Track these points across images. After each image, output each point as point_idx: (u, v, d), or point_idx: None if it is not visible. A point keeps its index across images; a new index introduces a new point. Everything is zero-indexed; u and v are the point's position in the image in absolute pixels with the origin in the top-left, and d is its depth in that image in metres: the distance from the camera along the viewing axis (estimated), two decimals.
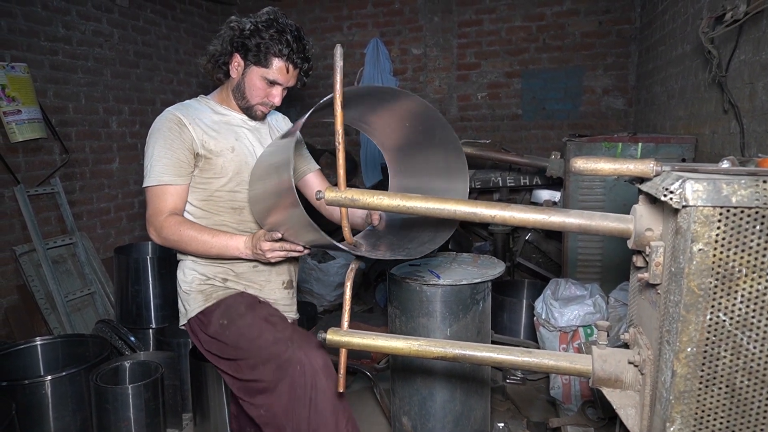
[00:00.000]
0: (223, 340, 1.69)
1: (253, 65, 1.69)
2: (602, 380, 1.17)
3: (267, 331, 1.64)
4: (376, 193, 1.21)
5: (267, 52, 1.66)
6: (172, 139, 1.66)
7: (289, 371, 1.57)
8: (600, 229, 1.10)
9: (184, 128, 1.68)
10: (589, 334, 2.46)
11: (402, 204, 1.19)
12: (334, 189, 1.22)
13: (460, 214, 1.16)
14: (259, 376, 1.63)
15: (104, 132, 3.95)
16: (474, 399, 2.17)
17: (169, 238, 1.65)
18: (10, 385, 2.30)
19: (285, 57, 1.67)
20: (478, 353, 1.24)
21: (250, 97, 1.74)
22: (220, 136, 1.72)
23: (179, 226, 1.65)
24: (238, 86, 1.75)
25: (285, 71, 1.69)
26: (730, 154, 2.24)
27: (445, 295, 2.04)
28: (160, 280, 3.12)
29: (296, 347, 1.59)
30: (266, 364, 1.61)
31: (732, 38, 2.17)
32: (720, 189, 0.90)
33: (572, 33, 4.57)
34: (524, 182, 3.84)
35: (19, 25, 3.30)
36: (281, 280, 1.87)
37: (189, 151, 1.68)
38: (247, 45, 1.66)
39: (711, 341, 0.96)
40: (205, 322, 1.73)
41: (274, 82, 1.71)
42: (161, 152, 1.66)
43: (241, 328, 1.66)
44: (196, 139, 1.69)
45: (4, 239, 3.24)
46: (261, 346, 1.62)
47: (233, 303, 1.73)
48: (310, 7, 5.19)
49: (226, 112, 1.79)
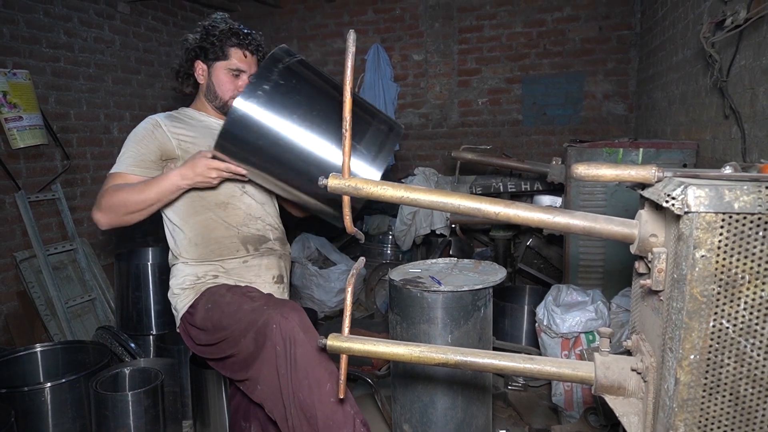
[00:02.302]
0: (209, 326, 1.74)
1: (214, 62, 1.81)
2: (605, 388, 1.16)
3: (245, 303, 1.70)
4: (379, 183, 1.19)
5: (222, 45, 1.78)
6: (143, 136, 1.78)
7: (268, 333, 1.61)
8: (604, 232, 1.09)
9: (159, 128, 1.79)
10: (591, 340, 2.45)
11: (406, 195, 1.17)
12: (337, 176, 1.21)
13: (463, 209, 1.15)
14: (244, 347, 1.68)
15: (105, 138, 3.96)
16: (476, 406, 2.15)
17: (108, 205, 1.69)
18: (9, 392, 2.29)
19: (239, 44, 1.79)
20: (480, 360, 1.23)
21: (222, 94, 1.84)
22: (198, 139, 1.81)
23: (114, 191, 1.69)
24: (208, 88, 1.86)
25: (244, 57, 1.81)
26: (731, 160, 2.24)
27: (446, 302, 2.03)
28: (161, 286, 3.12)
29: (271, 310, 1.64)
30: (247, 333, 1.66)
31: (732, 43, 2.17)
32: (722, 195, 0.89)
33: (573, 39, 4.58)
34: (525, 188, 3.83)
35: (21, 32, 3.31)
36: (271, 274, 1.93)
37: (158, 148, 1.77)
38: (203, 47, 1.79)
39: (714, 349, 0.95)
40: (193, 313, 1.80)
41: (239, 70, 1.81)
42: (131, 147, 1.78)
43: (222, 306, 1.73)
44: (172, 139, 1.79)
45: (5, 245, 3.24)
46: (240, 318, 1.67)
47: (217, 290, 1.80)
48: (311, 14, 5.21)
49: (203, 118, 1.90)
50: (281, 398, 1.63)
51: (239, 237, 1.85)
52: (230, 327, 1.69)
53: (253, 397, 1.75)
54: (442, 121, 4.99)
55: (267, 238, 1.91)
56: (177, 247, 1.87)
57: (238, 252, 1.86)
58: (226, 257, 1.85)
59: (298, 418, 1.60)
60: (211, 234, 1.83)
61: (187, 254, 1.85)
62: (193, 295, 1.82)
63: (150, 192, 1.67)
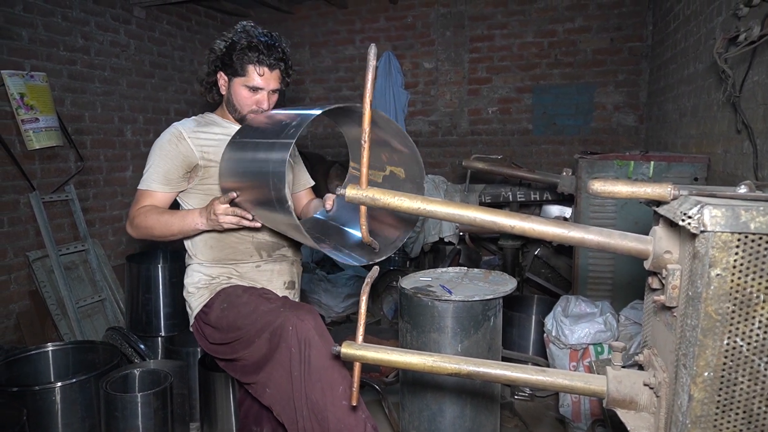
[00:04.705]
0: (224, 325, 1.78)
1: (234, 77, 1.82)
2: (617, 401, 1.17)
3: (261, 304, 1.74)
4: (397, 194, 1.21)
5: (241, 62, 1.78)
6: (168, 150, 1.81)
7: (283, 335, 1.64)
8: (618, 248, 1.10)
9: (183, 141, 1.82)
10: (600, 352, 2.45)
11: (423, 207, 1.19)
12: (355, 186, 1.22)
13: (479, 222, 1.16)
14: (257, 348, 1.71)
15: (119, 140, 4.01)
16: (484, 415, 2.16)
17: (140, 225, 1.78)
18: (20, 391, 2.31)
19: (257, 62, 1.79)
20: (492, 371, 1.24)
21: (241, 108, 1.86)
22: (220, 147, 1.83)
23: (147, 213, 1.79)
24: (228, 100, 1.89)
25: (261, 75, 1.80)
26: (743, 174, 2.24)
27: (456, 311, 2.04)
28: (171, 288, 3.14)
29: (288, 312, 1.67)
30: (262, 334, 1.69)
31: (746, 59, 2.18)
32: (738, 215, 0.90)
33: (584, 50, 4.60)
34: (534, 197, 3.84)
35: (39, 36, 3.36)
36: (283, 280, 1.97)
37: (182, 162, 1.82)
38: (225, 61, 1.81)
39: (728, 366, 0.96)
40: (208, 312, 1.83)
41: (256, 88, 1.82)
42: (156, 161, 1.82)
43: (238, 306, 1.76)
44: (195, 151, 1.82)
45: (18, 245, 3.28)
46: (256, 318, 1.71)
47: (232, 290, 1.84)
48: (323, 20, 5.25)
49: (227, 125, 1.92)
50: (292, 401, 1.65)
51: (253, 243, 1.89)
52: (245, 327, 1.72)
53: (261, 400, 1.77)
54: (452, 129, 5.01)
55: (281, 245, 1.94)
56: (192, 248, 1.92)
57: (252, 257, 1.89)
58: (240, 261, 1.89)
59: (310, 420, 1.62)
60: (226, 239, 1.86)
61: (202, 256, 1.89)
62: (207, 294, 1.86)
63: (173, 228, 1.76)
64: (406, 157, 1.76)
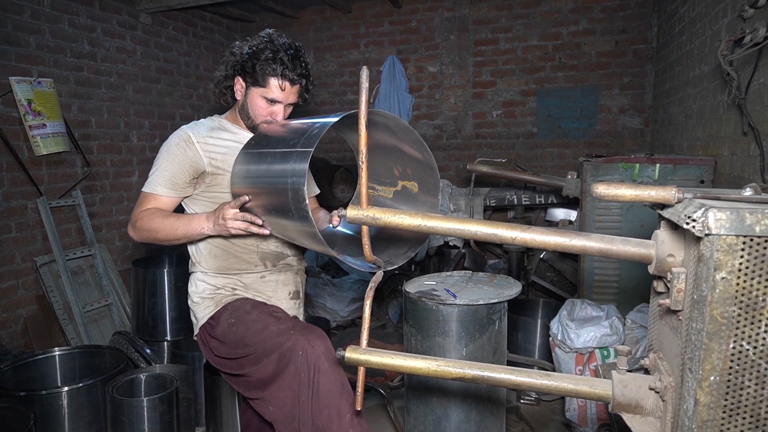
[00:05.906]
0: (231, 340, 1.75)
1: (253, 86, 1.77)
2: (622, 406, 1.16)
3: (271, 324, 1.70)
4: (397, 212, 1.21)
5: (263, 73, 1.73)
6: (176, 154, 1.77)
7: (293, 358, 1.62)
8: (621, 254, 1.10)
9: (191, 146, 1.78)
10: (606, 356, 2.44)
11: (423, 224, 1.19)
12: (356, 207, 1.23)
13: (480, 235, 1.17)
14: (264, 367, 1.68)
15: (125, 146, 4.03)
16: (489, 420, 2.15)
17: (143, 227, 1.74)
18: (28, 395, 2.33)
19: (280, 75, 1.74)
20: (498, 375, 1.24)
21: (255, 117, 1.81)
22: (228, 154, 1.80)
23: (151, 215, 1.75)
24: (243, 107, 1.84)
25: (282, 89, 1.76)
26: (749, 177, 2.23)
27: (461, 315, 2.04)
28: (176, 293, 3.15)
29: (299, 335, 1.64)
30: (271, 354, 1.66)
31: (751, 61, 2.17)
32: (743, 218, 0.90)
33: (588, 52, 4.59)
34: (539, 200, 3.83)
35: (46, 42, 3.39)
36: (288, 290, 1.94)
37: (189, 168, 1.78)
38: (245, 68, 1.75)
39: (734, 370, 0.95)
40: (214, 325, 1.81)
41: (274, 101, 1.78)
42: (163, 165, 1.78)
43: (247, 323, 1.73)
44: (204, 157, 1.78)
45: (26, 250, 3.31)
46: (266, 337, 1.68)
47: (240, 305, 1.81)
48: (328, 25, 5.27)
49: (236, 131, 1.87)
50: (297, 422, 1.63)
51: (258, 253, 1.87)
52: (253, 345, 1.69)
53: (264, 415, 1.74)
54: (457, 132, 5.01)
55: (285, 254, 1.92)
56: (196, 255, 1.89)
57: (257, 267, 1.87)
58: (244, 271, 1.86)
59: None
60: (230, 248, 1.84)
61: (206, 264, 1.87)
62: (213, 306, 1.83)
63: (178, 232, 1.72)
64: (422, 169, 1.73)
